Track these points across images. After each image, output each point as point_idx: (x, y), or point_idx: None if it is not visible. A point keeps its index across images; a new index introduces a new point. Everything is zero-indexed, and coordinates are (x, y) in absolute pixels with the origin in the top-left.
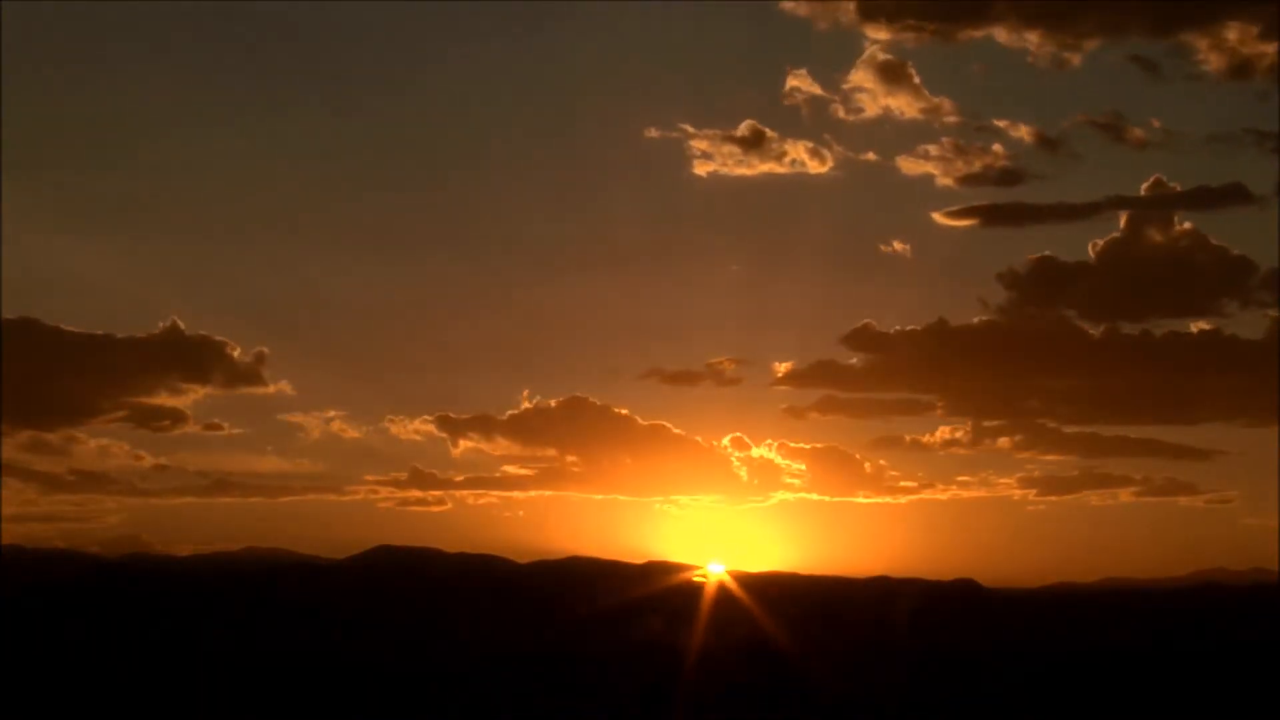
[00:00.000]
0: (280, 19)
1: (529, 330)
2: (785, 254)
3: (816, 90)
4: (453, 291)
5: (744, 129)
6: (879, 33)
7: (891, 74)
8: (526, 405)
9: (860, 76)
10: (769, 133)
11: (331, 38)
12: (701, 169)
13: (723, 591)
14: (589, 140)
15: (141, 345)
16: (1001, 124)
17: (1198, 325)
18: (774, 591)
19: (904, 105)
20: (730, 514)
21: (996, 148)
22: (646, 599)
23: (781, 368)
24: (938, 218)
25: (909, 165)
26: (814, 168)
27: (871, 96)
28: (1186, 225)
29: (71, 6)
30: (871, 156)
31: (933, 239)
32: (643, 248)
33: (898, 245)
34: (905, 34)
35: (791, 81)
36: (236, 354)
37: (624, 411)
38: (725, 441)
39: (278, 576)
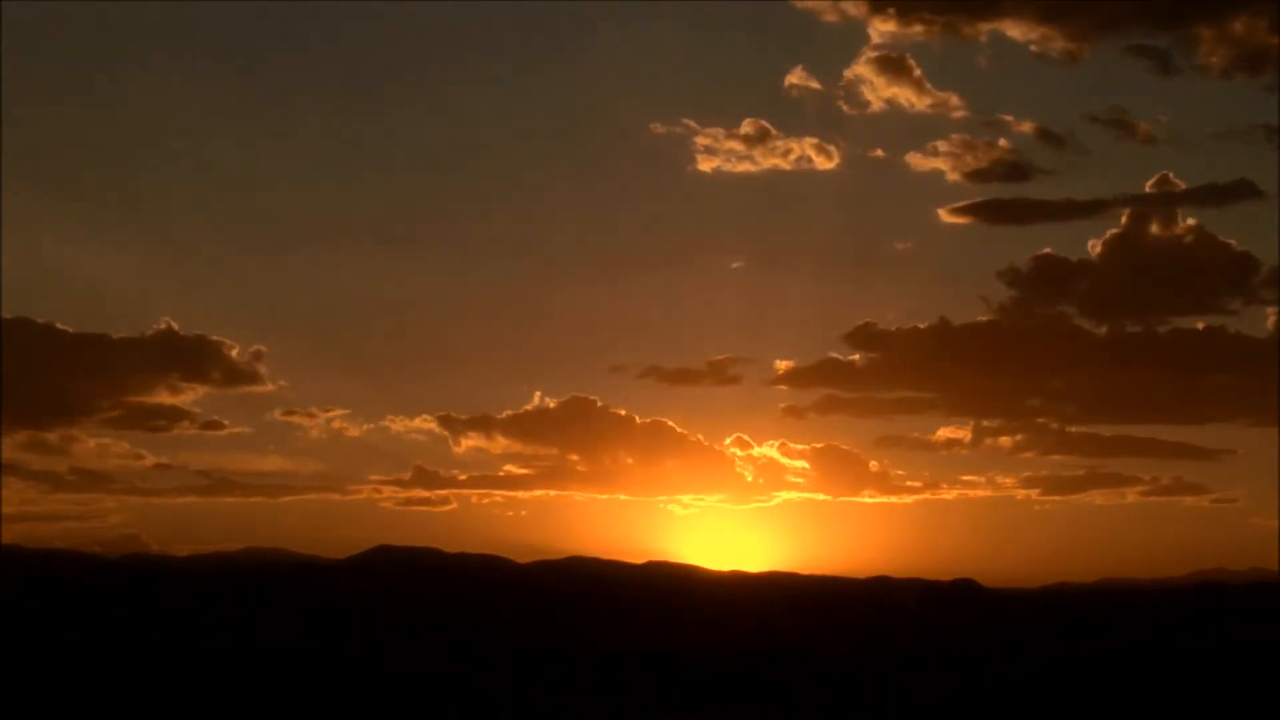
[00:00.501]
0: (281, 19)
1: (532, 329)
2: (788, 251)
3: (822, 86)
4: (454, 290)
5: (748, 125)
6: (886, 26)
7: (898, 69)
8: (529, 405)
9: (866, 71)
10: (773, 129)
11: (331, 38)
12: (706, 165)
13: (723, 591)
14: (593, 137)
15: (142, 344)
16: (1008, 119)
17: (1202, 323)
18: (774, 591)
19: (910, 101)
20: (733, 514)
21: (1003, 143)
22: (646, 599)
23: (783, 366)
24: (942, 215)
25: (914, 161)
26: (818, 164)
27: (877, 92)
28: (1192, 222)
29: (71, 7)
30: (876, 153)
31: (936, 236)
32: (646, 245)
33: (900, 243)
34: (912, 28)
35: (797, 77)
36: (236, 353)
37: (626, 411)
38: (728, 441)
39: (278, 576)
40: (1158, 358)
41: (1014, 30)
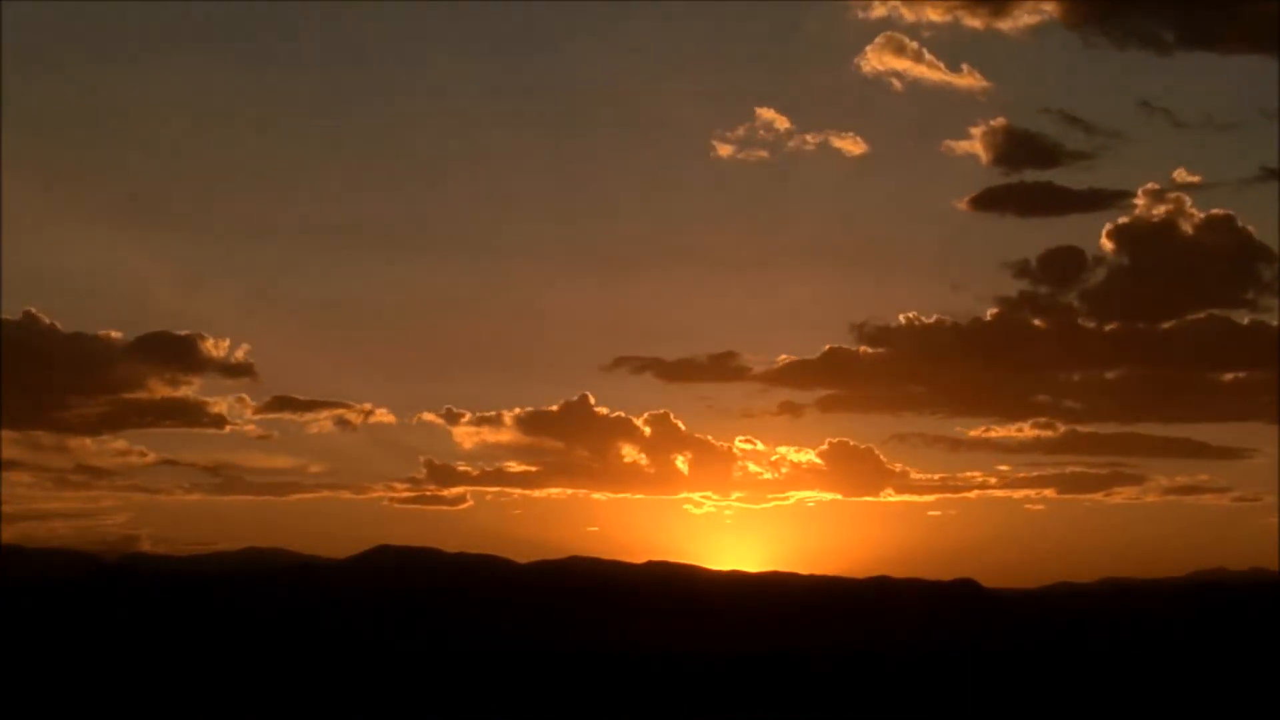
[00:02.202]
0: (280, 18)
1: (533, 324)
2: (794, 243)
3: (840, 73)
4: (461, 288)
5: (766, 112)
6: (914, 5)
7: (918, 55)
8: (529, 400)
9: (885, 58)
10: (790, 118)
11: (333, 36)
12: (722, 152)
13: (723, 591)
14: (596, 130)
15: (145, 343)
16: (1036, 107)
17: (1223, 315)
18: (774, 592)
19: (935, 88)
20: (747, 513)
21: (1030, 130)
22: (645, 599)
23: (786, 360)
24: (959, 205)
25: (935, 149)
26: (840, 152)
27: (900, 78)
28: (1216, 211)
29: (71, 6)
30: (898, 141)
31: (949, 229)
32: (653, 240)
33: (911, 235)
34: (941, 9)
35: (816, 65)
36: (234, 350)
37: (633, 409)
38: (739, 440)
39: (278, 576)
40: (1170, 353)
41: (1043, 16)
